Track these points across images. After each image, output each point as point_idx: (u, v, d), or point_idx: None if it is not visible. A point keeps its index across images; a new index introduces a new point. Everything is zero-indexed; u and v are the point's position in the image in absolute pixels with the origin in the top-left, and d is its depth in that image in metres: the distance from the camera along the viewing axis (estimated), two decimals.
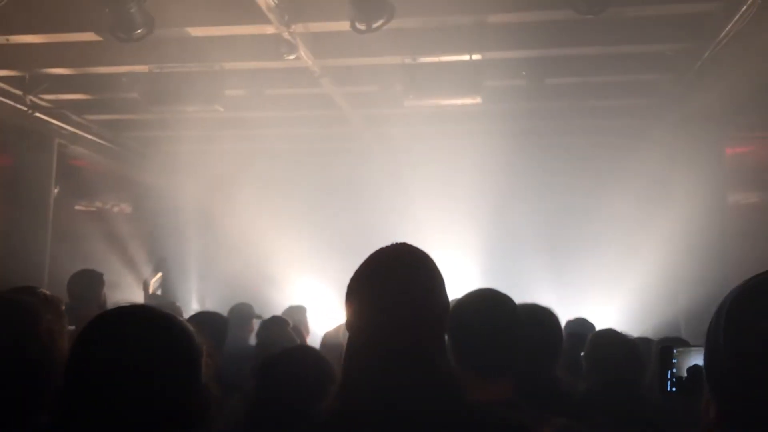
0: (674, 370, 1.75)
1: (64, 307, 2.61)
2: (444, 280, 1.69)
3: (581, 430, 2.37)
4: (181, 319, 1.40)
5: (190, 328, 1.38)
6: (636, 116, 8.13)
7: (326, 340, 5.64)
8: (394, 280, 1.63)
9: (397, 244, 1.74)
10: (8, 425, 1.52)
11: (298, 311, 6.72)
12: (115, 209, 11.60)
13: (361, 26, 4.89)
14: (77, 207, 10.56)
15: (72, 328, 2.59)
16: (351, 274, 1.71)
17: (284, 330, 4.76)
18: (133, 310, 1.39)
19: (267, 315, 7.17)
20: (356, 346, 1.62)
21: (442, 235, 8.01)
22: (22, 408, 1.55)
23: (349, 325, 1.65)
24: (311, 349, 2.42)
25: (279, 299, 9.05)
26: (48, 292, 2.60)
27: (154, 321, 1.35)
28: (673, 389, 1.76)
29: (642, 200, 8.22)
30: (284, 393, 2.18)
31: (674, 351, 1.78)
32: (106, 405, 1.24)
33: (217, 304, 7.21)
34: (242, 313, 5.76)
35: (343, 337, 1.72)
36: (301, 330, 5.95)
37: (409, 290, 1.61)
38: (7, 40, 6.10)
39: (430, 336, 1.60)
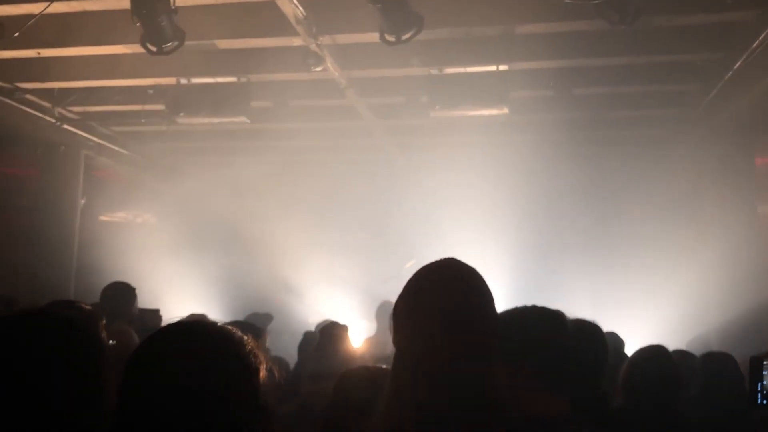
0: (765, 383, 1.68)
1: (104, 321, 2.61)
2: (492, 296, 1.66)
3: None
4: (241, 334, 1.37)
5: (249, 343, 1.36)
6: (665, 127, 8.03)
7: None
8: (443, 298, 1.59)
9: (444, 260, 1.71)
10: None
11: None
12: (139, 220, 11.68)
13: (391, 38, 4.87)
14: (102, 217, 10.65)
15: (113, 342, 2.60)
16: (375, 284, 1.69)
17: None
18: (189, 327, 1.37)
19: (290, 326, 7.15)
20: (405, 365, 1.59)
21: (467, 246, 7.94)
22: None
23: (398, 343, 1.63)
24: (371, 369, 2.37)
25: (302, 310, 9.06)
26: (87, 306, 2.59)
27: (211, 337, 1.34)
28: (764, 401, 1.69)
29: (671, 211, 8.11)
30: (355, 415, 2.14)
31: (764, 363, 1.70)
32: (164, 422, 1.23)
33: (242, 316, 7.21)
34: (258, 323, 5.70)
35: (391, 354, 1.69)
36: None
37: (459, 309, 1.58)
38: (38, 53, 6.17)
39: (481, 356, 1.57)
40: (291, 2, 5.13)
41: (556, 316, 2.23)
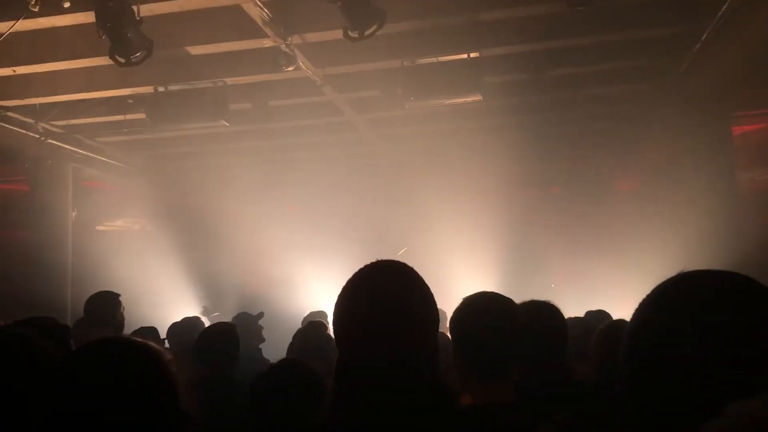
0: None
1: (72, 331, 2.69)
2: (430, 292, 1.70)
3: (581, 426, 2.37)
4: (153, 349, 1.41)
5: (161, 358, 1.39)
6: (640, 102, 8.08)
7: None
8: (377, 296, 1.64)
9: (379, 260, 1.75)
10: None
11: (319, 317, 6.57)
12: (137, 227, 11.77)
13: (354, 34, 4.94)
14: (98, 227, 10.75)
15: None
16: None
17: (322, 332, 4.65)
18: (96, 350, 1.39)
19: (285, 322, 7.22)
20: (345, 362, 1.65)
21: (454, 232, 8.03)
22: None
23: (337, 341, 1.69)
24: (300, 363, 2.47)
25: (297, 306, 9.14)
26: (54, 322, 2.66)
27: (119, 360, 1.36)
28: None
29: (651, 185, 8.17)
30: (278, 411, 2.23)
31: None
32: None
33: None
34: (246, 321, 5.78)
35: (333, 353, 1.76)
36: None
37: (392, 305, 1.62)
38: (14, 71, 6.26)
39: (416, 349, 1.61)
40: (256, 5, 5.21)
41: (499, 305, 2.28)
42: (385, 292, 1.64)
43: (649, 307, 1.07)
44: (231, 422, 3.17)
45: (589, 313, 5.33)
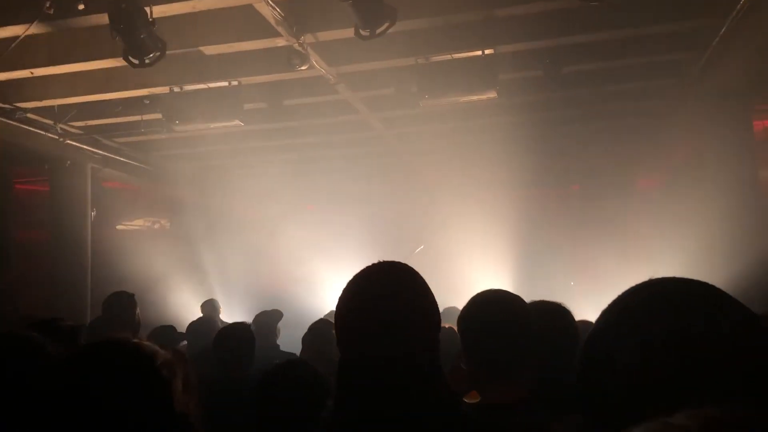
0: None
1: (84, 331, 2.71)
2: (430, 292, 1.71)
3: (594, 427, 2.34)
4: (144, 351, 1.37)
5: (152, 362, 1.35)
6: (661, 97, 7.97)
7: None
8: (378, 295, 1.65)
9: (380, 262, 1.75)
10: None
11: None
12: (155, 226, 11.89)
13: (365, 33, 4.92)
14: (117, 226, 10.86)
15: None
16: None
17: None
18: (83, 355, 1.37)
19: (303, 320, 7.26)
20: (347, 361, 1.66)
21: (469, 230, 7.98)
22: None
23: (339, 342, 1.69)
24: (303, 363, 2.47)
25: (315, 303, 9.18)
26: (65, 324, 2.68)
27: (104, 363, 1.34)
28: None
29: (672, 181, 8.07)
30: (283, 411, 2.24)
31: None
32: None
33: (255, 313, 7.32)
34: (266, 321, 5.79)
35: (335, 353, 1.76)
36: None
37: (393, 304, 1.63)
38: (32, 73, 6.33)
39: (417, 347, 1.61)
40: (268, 4, 5.20)
41: (508, 302, 2.26)
42: (382, 293, 1.65)
43: (601, 315, 1.05)
44: (242, 422, 3.20)
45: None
